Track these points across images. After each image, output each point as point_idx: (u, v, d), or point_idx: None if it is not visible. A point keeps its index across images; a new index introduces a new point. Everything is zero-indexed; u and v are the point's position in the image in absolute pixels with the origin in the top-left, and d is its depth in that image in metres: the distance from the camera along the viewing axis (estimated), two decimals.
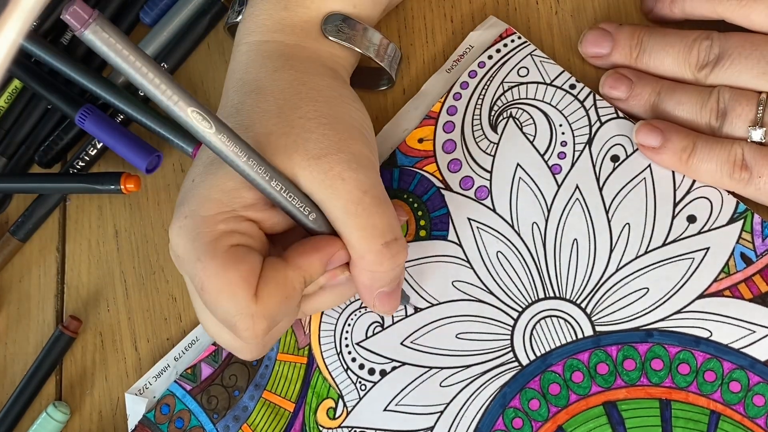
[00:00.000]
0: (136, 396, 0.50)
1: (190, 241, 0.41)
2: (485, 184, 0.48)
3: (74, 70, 0.52)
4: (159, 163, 0.52)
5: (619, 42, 0.47)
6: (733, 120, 0.44)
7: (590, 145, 0.48)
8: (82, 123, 0.52)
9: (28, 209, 0.55)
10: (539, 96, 0.49)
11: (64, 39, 0.55)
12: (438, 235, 0.48)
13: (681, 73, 0.46)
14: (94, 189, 0.52)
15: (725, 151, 0.44)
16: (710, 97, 0.45)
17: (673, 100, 0.46)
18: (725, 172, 0.44)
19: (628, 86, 0.47)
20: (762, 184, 0.43)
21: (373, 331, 0.48)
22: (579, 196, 0.47)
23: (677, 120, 0.46)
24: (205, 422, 0.49)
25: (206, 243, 0.40)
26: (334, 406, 0.48)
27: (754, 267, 0.45)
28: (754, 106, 0.44)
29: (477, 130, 0.49)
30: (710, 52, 0.45)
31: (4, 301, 0.55)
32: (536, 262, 0.47)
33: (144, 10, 0.55)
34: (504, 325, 0.47)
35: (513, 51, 0.50)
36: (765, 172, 0.43)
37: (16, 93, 0.56)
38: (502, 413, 0.46)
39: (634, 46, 0.47)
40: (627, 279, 0.46)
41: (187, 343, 0.50)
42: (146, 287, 0.53)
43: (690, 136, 0.45)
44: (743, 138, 0.44)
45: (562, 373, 0.46)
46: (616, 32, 0.47)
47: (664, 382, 0.44)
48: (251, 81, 0.44)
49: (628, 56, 0.47)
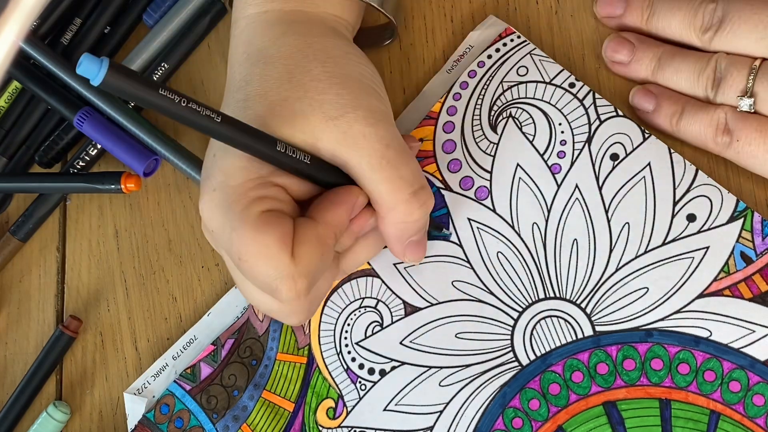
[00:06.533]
0: (135, 395, 0.50)
1: (223, 212, 0.41)
2: (485, 185, 0.48)
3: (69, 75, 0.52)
4: (157, 166, 0.53)
5: (632, 3, 0.48)
6: (725, 89, 0.45)
7: (590, 144, 0.48)
8: (81, 125, 0.52)
9: (29, 209, 0.55)
10: (539, 95, 0.49)
11: (64, 39, 0.55)
12: (438, 235, 0.48)
13: (687, 36, 0.47)
14: (94, 188, 0.52)
15: (709, 116, 0.45)
16: (708, 65, 0.46)
17: (672, 66, 0.47)
18: (709, 136, 0.45)
19: (630, 50, 0.48)
20: (740, 147, 0.45)
21: (372, 331, 0.48)
22: (579, 195, 0.47)
23: (675, 87, 0.47)
24: (205, 422, 0.49)
25: (239, 212, 0.40)
26: (334, 405, 0.48)
27: (754, 266, 0.45)
28: (746, 75, 0.44)
29: (477, 130, 0.49)
30: (714, 16, 0.46)
31: (4, 300, 0.55)
32: (536, 263, 0.47)
33: (147, 12, 0.55)
34: (504, 325, 0.47)
35: (512, 50, 0.50)
36: (743, 136, 0.44)
37: (16, 93, 0.56)
38: (501, 413, 0.46)
39: (646, 8, 0.48)
40: (627, 279, 0.46)
41: (185, 342, 0.50)
42: (146, 287, 0.53)
43: (680, 101, 0.46)
44: (734, 107, 0.45)
45: (562, 373, 0.46)
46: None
47: (664, 381, 0.44)
48: (256, 52, 0.44)
49: (640, 18, 0.48)
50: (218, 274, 0.52)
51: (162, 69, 0.54)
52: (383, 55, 0.52)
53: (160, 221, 0.54)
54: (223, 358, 0.49)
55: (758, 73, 0.44)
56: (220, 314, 0.50)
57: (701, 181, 0.46)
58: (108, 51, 0.56)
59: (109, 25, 0.55)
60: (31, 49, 0.53)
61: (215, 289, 0.52)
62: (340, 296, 0.49)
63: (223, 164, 0.42)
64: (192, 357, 0.50)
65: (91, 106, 0.53)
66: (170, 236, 0.53)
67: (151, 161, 0.52)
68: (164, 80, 0.54)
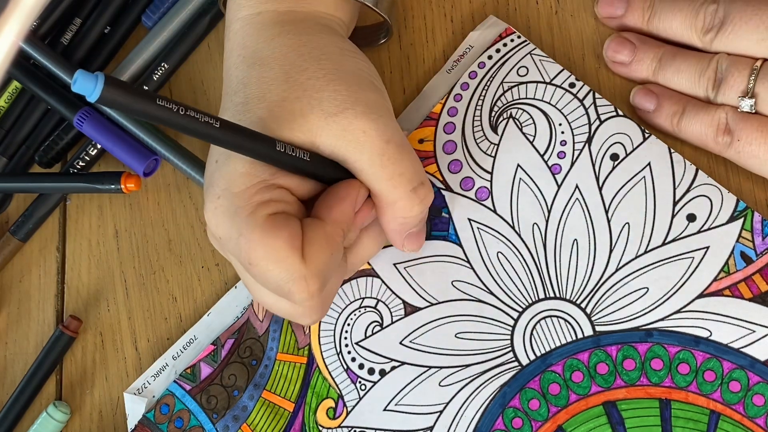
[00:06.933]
0: (135, 395, 0.50)
1: (229, 218, 0.41)
2: (486, 185, 0.48)
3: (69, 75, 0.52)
4: (157, 166, 0.53)
5: (632, 4, 0.48)
6: (725, 90, 0.45)
7: (590, 144, 0.48)
8: (81, 125, 0.52)
9: (29, 209, 0.55)
10: (539, 95, 0.49)
11: (64, 39, 0.55)
12: (438, 235, 0.48)
13: (688, 37, 0.47)
14: (94, 188, 0.52)
15: (710, 116, 0.45)
16: (709, 66, 0.46)
17: (672, 66, 0.47)
18: (709, 136, 0.45)
19: (631, 50, 0.48)
20: (741, 147, 0.45)
21: (372, 331, 0.48)
22: (579, 196, 0.47)
23: (676, 88, 0.47)
24: (205, 422, 0.49)
25: (245, 217, 0.40)
26: (334, 405, 0.48)
27: (754, 266, 0.45)
28: (747, 76, 0.44)
29: (477, 131, 0.49)
30: (715, 17, 0.46)
31: (4, 301, 0.55)
32: (536, 263, 0.47)
33: (146, 14, 0.55)
34: (504, 325, 0.47)
35: (512, 50, 0.50)
36: (743, 136, 0.44)
37: (16, 93, 0.56)
38: (501, 413, 0.46)
39: (647, 9, 0.48)
40: (627, 279, 0.46)
41: (185, 342, 0.50)
42: (146, 287, 0.53)
43: (681, 101, 0.46)
44: (735, 107, 0.45)
45: (562, 373, 0.46)
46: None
47: (664, 381, 0.44)
48: (251, 55, 0.44)
49: (640, 18, 0.48)
50: (218, 274, 0.52)
51: (162, 69, 0.54)
52: (383, 55, 0.52)
53: (160, 221, 0.54)
54: (223, 358, 0.49)
55: (759, 74, 0.44)
56: (220, 314, 0.50)
57: (701, 180, 0.46)
58: (108, 51, 0.56)
59: (109, 25, 0.55)
60: (31, 49, 0.53)
61: (215, 289, 0.52)
62: (340, 296, 0.49)
63: (226, 171, 0.42)
64: (192, 357, 0.50)
65: (91, 106, 0.53)
66: (170, 236, 0.53)
67: (151, 161, 0.52)
68: (164, 80, 0.54)
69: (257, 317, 0.49)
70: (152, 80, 0.54)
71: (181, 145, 0.52)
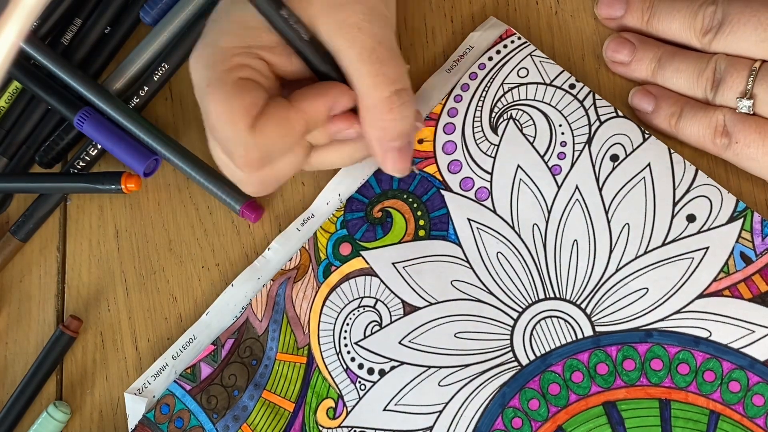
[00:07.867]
0: (136, 395, 0.50)
1: (205, 67, 0.43)
2: (485, 186, 0.48)
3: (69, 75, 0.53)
4: (157, 166, 0.53)
5: (632, 5, 0.48)
6: (724, 91, 0.45)
7: (590, 145, 0.48)
8: (81, 126, 0.52)
9: (29, 209, 0.55)
10: (539, 96, 0.49)
11: (64, 39, 0.55)
12: (437, 235, 0.48)
13: (687, 38, 0.47)
14: (94, 188, 0.52)
15: (707, 117, 0.45)
16: (707, 66, 0.46)
17: (671, 66, 0.47)
18: (707, 137, 0.45)
19: (631, 50, 0.48)
20: (739, 149, 0.45)
21: (371, 331, 0.48)
22: (579, 196, 0.47)
23: (674, 88, 0.47)
24: (205, 422, 0.49)
25: (218, 71, 0.43)
26: (334, 405, 0.48)
27: (754, 266, 0.45)
28: (745, 77, 0.44)
29: (477, 132, 0.49)
30: (714, 18, 0.46)
31: (4, 300, 0.55)
32: (536, 263, 0.47)
33: (144, 9, 0.55)
34: (504, 325, 0.47)
35: (513, 52, 0.50)
36: (741, 138, 0.44)
37: (16, 93, 0.56)
38: (501, 413, 0.46)
39: (646, 10, 0.48)
40: (627, 279, 0.46)
41: (185, 342, 0.50)
42: (147, 287, 0.53)
43: (679, 102, 0.46)
44: (733, 108, 0.45)
45: (562, 373, 0.46)
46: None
47: (664, 382, 0.44)
48: None
49: (640, 19, 0.48)
50: (218, 274, 0.52)
51: (162, 69, 0.54)
52: None
53: (160, 221, 0.54)
54: (223, 358, 0.49)
55: (758, 75, 0.44)
56: (219, 313, 0.50)
57: (701, 181, 0.46)
58: (108, 51, 0.56)
59: (109, 25, 0.55)
60: (31, 49, 0.53)
61: (215, 289, 0.52)
62: (339, 296, 0.49)
63: (221, 25, 0.44)
64: (191, 357, 0.50)
65: (91, 106, 0.53)
66: (170, 236, 0.53)
67: (151, 161, 0.52)
68: (165, 80, 0.54)
69: (256, 317, 0.49)
70: (152, 80, 0.54)
71: (181, 145, 0.52)
